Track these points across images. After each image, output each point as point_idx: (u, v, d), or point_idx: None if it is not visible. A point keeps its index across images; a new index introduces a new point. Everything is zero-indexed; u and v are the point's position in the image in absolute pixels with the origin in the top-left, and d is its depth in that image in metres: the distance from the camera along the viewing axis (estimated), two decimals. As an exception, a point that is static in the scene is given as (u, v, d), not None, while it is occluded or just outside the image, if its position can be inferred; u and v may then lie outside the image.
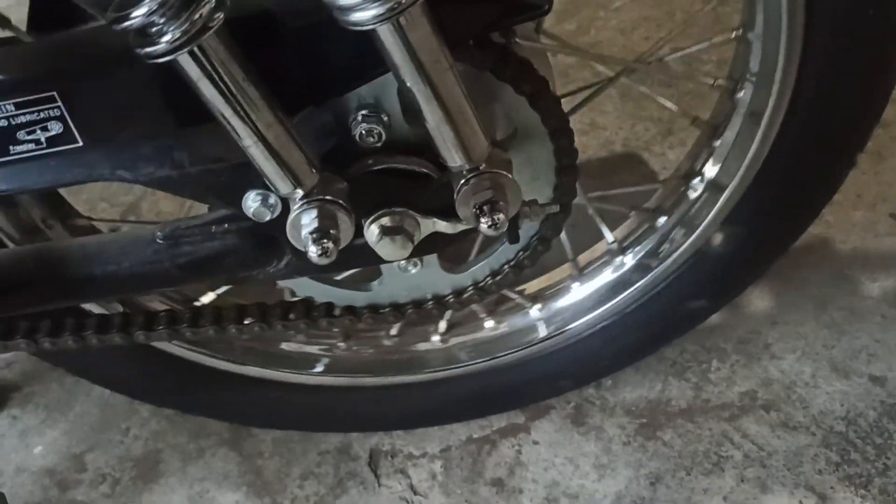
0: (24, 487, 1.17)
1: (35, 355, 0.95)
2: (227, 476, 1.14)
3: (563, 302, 0.99)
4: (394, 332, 1.03)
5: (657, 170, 1.39)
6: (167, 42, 0.52)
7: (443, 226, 0.69)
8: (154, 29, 0.52)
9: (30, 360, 1.31)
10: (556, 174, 0.72)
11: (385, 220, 0.68)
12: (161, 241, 0.69)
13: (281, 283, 0.81)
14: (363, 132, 0.66)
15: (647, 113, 1.46)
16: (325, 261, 0.63)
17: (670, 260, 0.91)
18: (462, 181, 0.63)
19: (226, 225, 0.68)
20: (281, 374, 1.01)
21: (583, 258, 1.00)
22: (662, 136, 1.44)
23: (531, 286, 1.02)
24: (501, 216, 0.62)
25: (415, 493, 1.09)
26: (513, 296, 1.01)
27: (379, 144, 0.66)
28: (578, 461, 1.08)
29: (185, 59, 0.54)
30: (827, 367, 1.11)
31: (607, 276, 0.97)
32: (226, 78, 0.55)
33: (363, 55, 0.60)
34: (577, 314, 0.98)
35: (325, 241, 0.62)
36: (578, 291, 0.99)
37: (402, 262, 0.77)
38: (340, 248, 0.64)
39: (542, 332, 0.99)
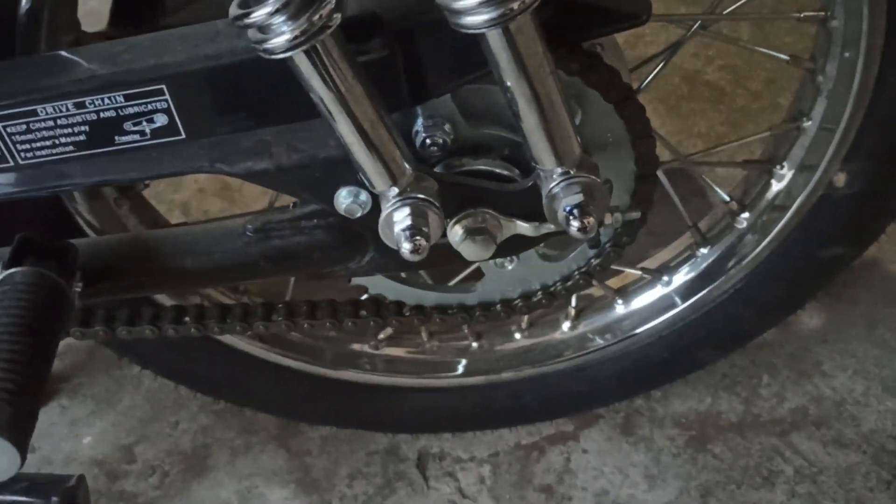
0: (75, 476, 1.19)
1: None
2: (276, 472, 1.15)
3: (691, 269, 0.98)
4: (524, 325, 1.05)
5: (703, 185, 1.40)
6: (286, 40, 0.54)
7: (525, 228, 0.70)
8: (274, 26, 0.54)
9: (79, 351, 1.33)
10: (635, 181, 0.73)
11: (469, 221, 0.69)
12: (251, 234, 0.71)
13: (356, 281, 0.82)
14: (426, 142, 0.68)
15: (697, 129, 1.47)
16: (416, 258, 0.64)
17: (794, 208, 0.88)
18: (552, 184, 0.64)
19: (315, 220, 0.70)
20: (426, 381, 1.05)
21: (704, 223, 0.99)
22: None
23: (655, 259, 1.01)
24: (591, 220, 0.63)
25: (463, 496, 1.10)
26: (634, 271, 1.01)
27: (442, 153, 0.68)
28: (628, 471, 1.08)
29: (300, 57, 0.56)
30: (878, 386, 1.12)
31: (732, 235, 0.95)
32: (336, 76, 0.57)
33: (463, 57, 0.62)
34: (708, 279, 0.96)
35: (419, 237, 0.64)
36: (706, 256, 0.98)
37: (497, 260, 0.79)
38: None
39: (676, 303, 0.98)
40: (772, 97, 1.49)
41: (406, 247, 0.64)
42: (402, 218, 0.64)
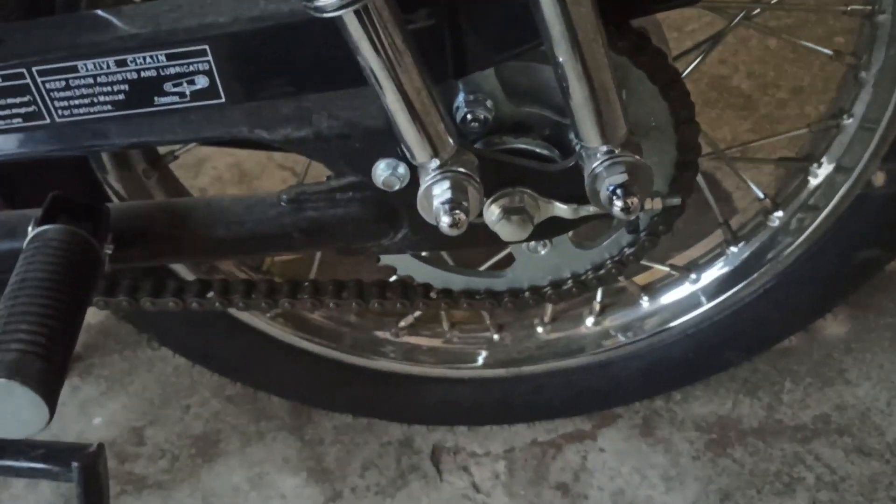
0: (84, 456, 1.17)
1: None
2: (288, 460, 1.14)
3: (720, 268, 0.97)
4: (546, 318, 1.03)
5: (728, 190, 1.38)
6: (339, -2, 0.53)
7: (563, 210, 0.69)
8: (327, -16, 0.53)
9: (93, 331, 1.32)
10: (676, 167, 0.72)
11: (507, 201, 0.68)
12: (285, 204, 0.70)
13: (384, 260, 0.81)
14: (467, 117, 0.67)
15: (721, 134, 1.46)
16: (455, 232, 0.63)
17: (830, 208, 0.87)
18: (596, 163, 0.63)
19: (350, 193, 0.69)
20: (445, 371, 1.03)
21: (735, 221, 0.97)
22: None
23: (683, 257, 1.00)
24: (635, 200, 0.62)
25: (477, 490, 1.08)
26: (662, 268, 0.99)
27: (482, 130, 0.67)
28: (646, 472, 1.07)
29: (350, 17, 0.55)
30: (903, 397, 1.10)
31: (764, 234, 0.94)
32: (385, 40, 0.56)
33: (509, 30, 0.61)
34: (737, 278, 0.95)
35: (458, 211, 0.63)
36: (736, 255, 0.96)
37: (531, 243, 0.78)
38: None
39: (703, 302, 0.97)
40: (798, 106, 1.48)
41: (445, 220, 0.63)
42: (441, 191, 0.63)
